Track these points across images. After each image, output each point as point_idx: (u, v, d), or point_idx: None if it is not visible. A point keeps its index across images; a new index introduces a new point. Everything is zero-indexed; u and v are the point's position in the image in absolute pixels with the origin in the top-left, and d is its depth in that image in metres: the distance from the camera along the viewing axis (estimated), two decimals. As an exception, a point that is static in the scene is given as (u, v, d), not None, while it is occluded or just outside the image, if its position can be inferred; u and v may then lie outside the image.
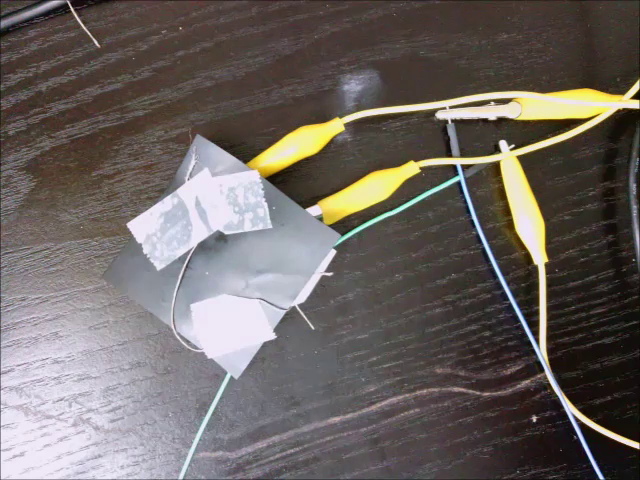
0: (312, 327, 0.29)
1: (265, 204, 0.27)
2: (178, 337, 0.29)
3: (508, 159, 0.30)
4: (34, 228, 0.30)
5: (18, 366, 0.30)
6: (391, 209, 0.31)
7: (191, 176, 0.28)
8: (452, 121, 0.30)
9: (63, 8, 0.30)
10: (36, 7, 0.30)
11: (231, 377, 0.30)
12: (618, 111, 0.30)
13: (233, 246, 0.28)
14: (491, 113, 0.30)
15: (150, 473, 0.30)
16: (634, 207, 0.30)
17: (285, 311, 0.28)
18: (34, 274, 0.30)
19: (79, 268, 0.30)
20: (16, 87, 0.30)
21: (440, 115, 0.30)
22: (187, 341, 0.29)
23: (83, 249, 0.30)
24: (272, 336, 0.28)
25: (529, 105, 0.30)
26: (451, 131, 0.30)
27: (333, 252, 0.28)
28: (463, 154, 0.31)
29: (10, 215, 0.30)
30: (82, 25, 0.30)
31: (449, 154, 0.31)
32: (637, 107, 0.29)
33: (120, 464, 0.30)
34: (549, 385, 0.30)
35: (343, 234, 0.30)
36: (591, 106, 0.29)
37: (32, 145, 0.30)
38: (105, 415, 0.30)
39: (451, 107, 0.30)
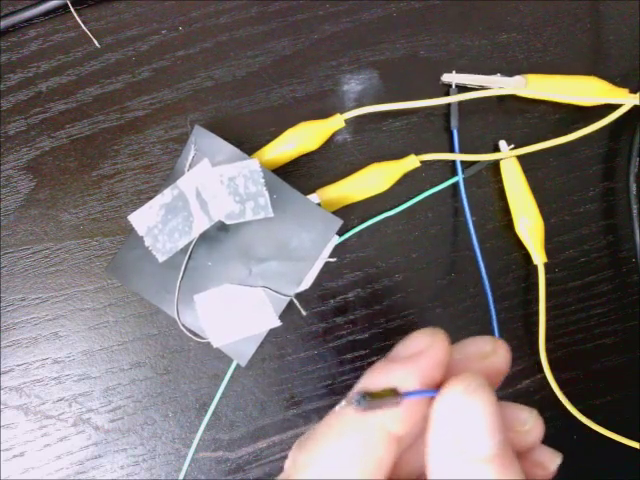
0: (303, 313, 0.29)
1: (266, 192, 0.27)
2: (183, 328, 0.29)
3: (508, 159, 0.30)
4: (34, 228, 0.30)
5: (18, 366, 0.30)
6: (391, 209, 0.31)
7: (191, 167, 0.28)
8: (456, 86, 0.30)
9: (63, 8, 0.30)
10: (36, 7, 0.30)
11: (231, 377, 0.30)
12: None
13: (235, 235, 0.28)
14: (496, 84, 0.30)
15: (150, 473, 0.30)
16: (634, 207, 0.30)
17: (290, 298, 0.28)
18: (34, 274, 0.30)
19: (79, 268, 0.30)
20: (16, 87, 0.30)
21: (445, 78, 0.30)
22: (192, 332, 0.29)
23: (83, 249, 0.30)
24: (277, 323, 0.28)
25: (534, 81, 0.30)
26: (453, 94, 0.30)
27: (336, 238, 0.28)
28: (462, 154, 0.31)
29: (10, 215, 0.30)
30: (82, 25, 0.30)
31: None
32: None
33: (120, 464, 0.30)
34: (549, 385, 0.30)
35: (343, 234, 0.30)
36: (596, 93, 0.29)
37: (32, 145, 0.30)
38: (105, 415, 0.30)
39: (457, 83, 0.30)
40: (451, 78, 0.30)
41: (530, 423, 0.17)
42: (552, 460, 0.17)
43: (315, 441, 0.15)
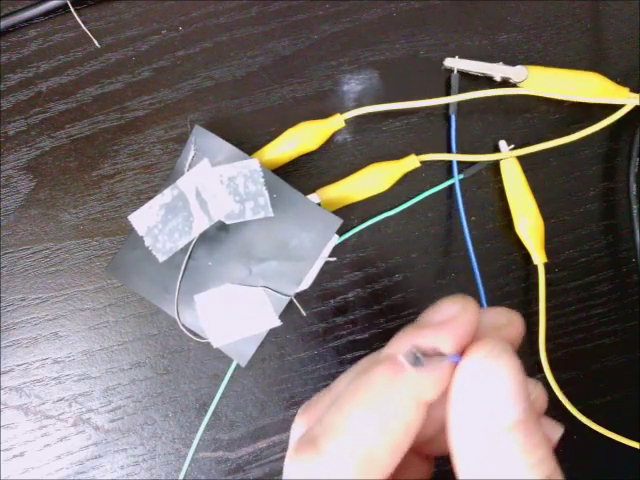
0: (303, 313, 0.29)
1: (266, 192, 0.27)
2: (183, 328, 0.29)
3: (508, 159, 0.30)
4: (34, 228, 0.30)
5: (18, 366, 0.30)
6: (391, 209, 0.31)
7: (190, 167, 0.28)
8: (458, 71, 0.30)
9: (63, 8, 0.30)
10: (36, 7, 0.30)
11: (231, 377, 0.30)
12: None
13: (235, 235, 0.28)
14: (497, 72, 0.30)
15: (150, 473, 0.30)
16: (634, 207, 0.30)
17: (290, 297, 0.28)
18: (34, 274, 0.30)
19: (79, 268, 0.30)
20: (16, 87, 0.30)
21: (448, 62, 0.30)
22: (192, 332, 0.29)
23: (83, 249, 0.30)
24: (277, 323, 0.28)
25: (535, 73, 0.30)
26: (454, 82, 0.30)
27: (336, 237, 0.28)
28: (462, 154, 0.31)
29: (10, 215, 0.30)
30: (82, 25, 0.30)
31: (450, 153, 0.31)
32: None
33: (120, 464, 0.30)
34: (549, 385, 0.30)
35: (343, 234, 0.30)
36: (597, 90, 0.29)
37: (32, 145, 0.30)
38: (105, 415, 0.30)
39: (459, 69, 0.30)
40: (453, 63, 0.30)
41: (535, 393, 0.17)
42: (555, 431, 0.17)
43: (343, 404, 0.15)
